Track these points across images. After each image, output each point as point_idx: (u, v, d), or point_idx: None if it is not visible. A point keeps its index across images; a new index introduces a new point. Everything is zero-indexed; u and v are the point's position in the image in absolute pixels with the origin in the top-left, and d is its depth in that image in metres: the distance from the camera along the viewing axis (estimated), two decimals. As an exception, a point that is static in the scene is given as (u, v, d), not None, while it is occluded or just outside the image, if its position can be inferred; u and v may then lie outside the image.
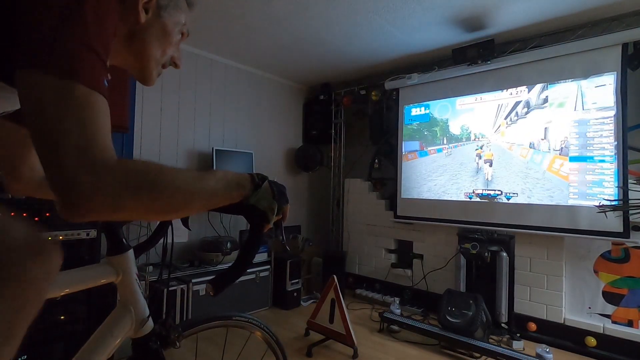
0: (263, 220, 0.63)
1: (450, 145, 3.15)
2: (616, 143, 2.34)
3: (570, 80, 2.55)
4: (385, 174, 3.76)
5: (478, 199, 2.94)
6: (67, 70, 0.43)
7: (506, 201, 2.79)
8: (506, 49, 2.87)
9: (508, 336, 2.54)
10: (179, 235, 0.90)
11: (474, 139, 3.00)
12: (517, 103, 2.78)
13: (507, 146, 2.82)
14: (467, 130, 3.05)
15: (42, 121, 0.42)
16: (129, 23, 0.60)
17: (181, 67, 0.73)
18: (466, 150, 3.04)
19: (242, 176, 0.63)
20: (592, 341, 2.42)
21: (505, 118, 2.84)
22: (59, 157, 0.41)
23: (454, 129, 3.13)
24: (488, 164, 2.91)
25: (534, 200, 2.65)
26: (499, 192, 2.83)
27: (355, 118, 3.99)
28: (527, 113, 2.74)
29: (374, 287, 3.56)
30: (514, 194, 2.75)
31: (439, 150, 3.21)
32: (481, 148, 2.96)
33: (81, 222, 0.44)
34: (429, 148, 3.28)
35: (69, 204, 0.42)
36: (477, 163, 2.97)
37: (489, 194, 2.88)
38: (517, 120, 2.78)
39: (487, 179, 2.90)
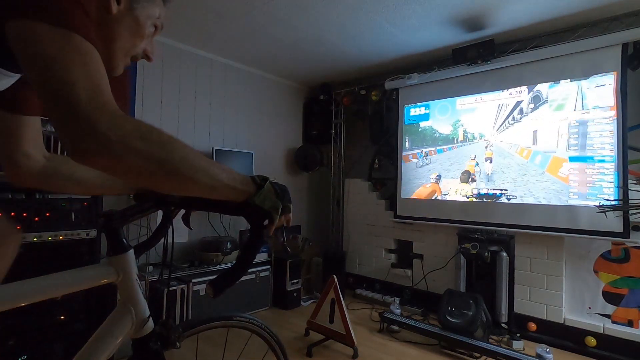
0: (266, 219, 0.63)
1: (450, 145, 3.15)
2: (616, 143, 2.34)
3: (570, 80, 2.55)
4: (385, 174, 3.76)
5: (478, 199, 2.94)
6: (64, 21, 0.44)
7: (506, 201, 2.79)
8: (506, 49, 2.87)
9: (508, 336, 2.54)
10: (180, 235, 0.90)
11: (475, 139, 3.00)
12: (518, 103, 2.78)
13: (507, 146, 2.82)
14: (467, 130, 3.05)
15: (48, 68, 0.42)
16: (101, 11, 0.59)
17: (154, 59, 0.72)
18: (466, 150, 3.04)
19: (245, 176, 0.63)
20: (592, 341, 2.42)
21: (506, 118, 2.84)
22: (72, 99, 0.42)
23: (454, 129, 3.13)
24: (488, 163, 2.91)
25: (534, 200, 2.65)
26: (500, 192, 2.83)
27: (355, 118, 3.99)
28: (527, 113, 2.74)
29: (374, 287, 3.56)
30: (513, 196, 2.75)
31: (439, 151, 3.21)
32: (483, 148, 2.96)
33: (91, 163, 0.44)
34: (429, 148, 3.28)
35: (83, 143, 0.42)
36: (478, 163, 2.97)
37: (490, 194, 2.88)
38: (517, 120, 2.79)
39: (488, 177, 2.90)
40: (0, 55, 0.47)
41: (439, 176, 3.18)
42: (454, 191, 3.07)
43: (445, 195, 3.13)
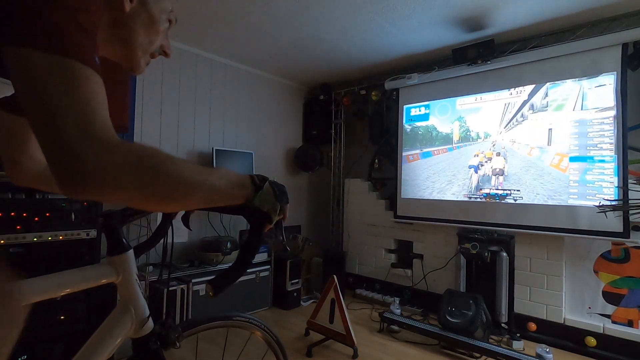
0: (266, 221, 0.63)
1: (451, 145, 3.15)
2: (616, 143, 2.34)
3: (570, 80, 2.55)
4: (385, 174, 3.76)
5: (478, 199, 2.93)
6: (57, 46, 0.42)
7: (508, 201, 2.78)
8: (506, 49, 2.87)
9: (508, 336, 2.54)
10: (179, 235, 0.90)
11: (475, 139, 3.00)
12: (523, 103, 2.77)
13: (509, 145, 2.82)
14: (467, 130, 3.05)
15: (37, 98, 0.41)
16: (114, 11, 0.59)
17: (171, 55, 0.72)
18: (467, 151, 3.04)
19: (243, 177, 0.62)
20: (592, 341, 2.42)
21: (511, 120, 2.83)
22: (60, 132, 0.40)
23: (454, 129, 3.13)
24: (489, 163, 2.91)
25: (535, 200, 2.65)
26: (502, 192, 2.83)
27: (355, 118, 3.99)
28: (527, 114, 2.74)
29: (374, 287, 3.56)
30: (520, 197, 2.75)
31: (433, 153, 3.21)
32: (486, 148, 2.96)
33: (82, 198, 0.42)
34: (430, 149, 3.28)
35: (72, 179, 0.41)
36: (479, 163, 2.97)
37: (491, 194, 2.88)
38: (519, 122, 2.78)
39: (490, 178, 2.90)
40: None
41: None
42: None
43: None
